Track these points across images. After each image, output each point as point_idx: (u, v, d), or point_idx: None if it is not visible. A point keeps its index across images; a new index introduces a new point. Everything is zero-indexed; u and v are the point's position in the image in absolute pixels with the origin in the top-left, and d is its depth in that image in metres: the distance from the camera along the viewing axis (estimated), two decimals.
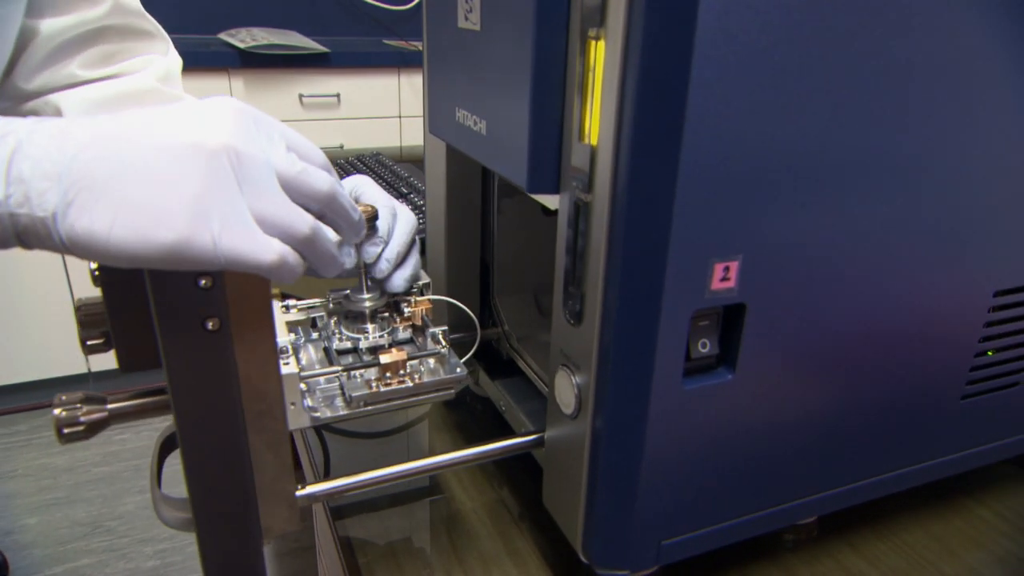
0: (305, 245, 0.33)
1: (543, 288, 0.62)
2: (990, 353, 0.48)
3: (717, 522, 0.43)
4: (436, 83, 0.51)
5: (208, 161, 0.30)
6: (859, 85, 0.35)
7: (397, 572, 0.46)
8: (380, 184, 1.15)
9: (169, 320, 0.33)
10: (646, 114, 0.31)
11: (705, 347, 0.37)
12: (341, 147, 2.14)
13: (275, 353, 0.36)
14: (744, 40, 0.31)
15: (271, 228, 0.32)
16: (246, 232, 0.31)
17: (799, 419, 0.42)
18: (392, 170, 1.22)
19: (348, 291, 0.51)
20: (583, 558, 0.42)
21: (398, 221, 0.50)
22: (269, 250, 0.31)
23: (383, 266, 0.49)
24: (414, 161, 1.39)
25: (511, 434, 0.49)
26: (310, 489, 0.42)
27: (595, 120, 0.33)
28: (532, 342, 0.58)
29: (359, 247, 0.48)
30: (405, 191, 1.10)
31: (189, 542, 1.60)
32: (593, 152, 0.34)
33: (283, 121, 0.49)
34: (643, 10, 0.29)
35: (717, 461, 0.41)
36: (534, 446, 0.47)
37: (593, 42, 0.32)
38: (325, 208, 0.35)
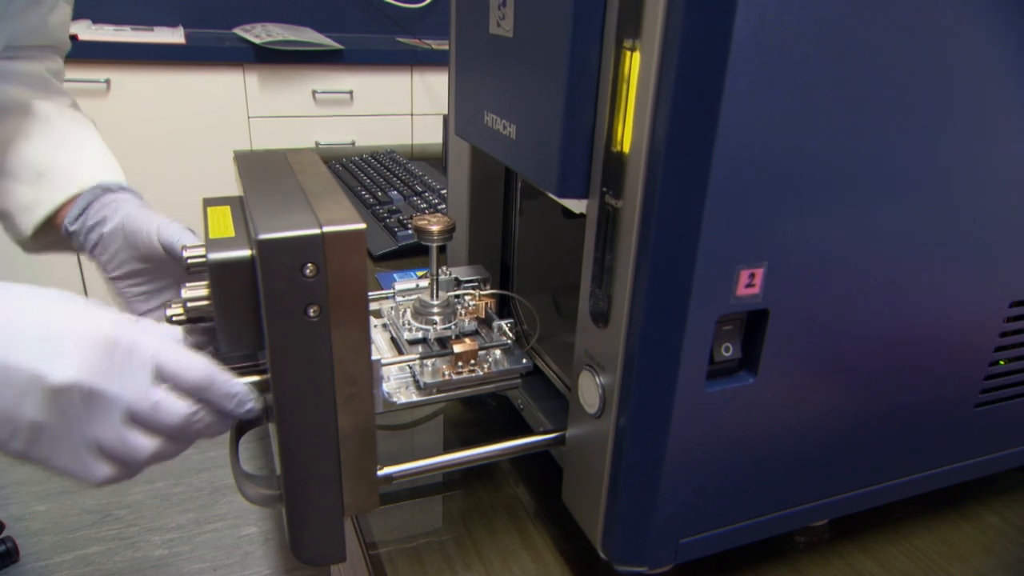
0: (144, 463, 0.37)
1: (562, 289, 0.63)
2: (1002, 363, 0.49)
3: (734, 522, 0.44)
4: (463, 86, 0.52)
5: (49, 395, 0.33)
6: (884, 98, 0.36)
7: (418, 563, 0.47)
8: (395, 182, 1.16)
9: (275, 307, 0.35)
10: (679, 125, 0.32)
11: (728, 351, 0.38)
12: (353, 144, 2.16)
13: (368, 340, 0.38)
14: (777, 55, 0.32)
15: (107, 453, 0.36)
16: (74, 457, 0.35)
17: (816, 423, 0.43)
18: (407, 168, 1.23)
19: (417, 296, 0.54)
20: (602, 555, 0.43)
21: None
22: (94, 475, 0.36)
23: None
24: (426, 159, 1.40)
25: (523, 432, 0.50)
26: (387, 470, 0.44)
27: (628, 129, 0.34)
28: (551, 342, 0.59)
29: None
30: (420, 189, 1.11)
31: (196, 532, 1.61)
32: (624, 159, 0.35)
33: (296, 117, 0.51)
34: (680, 24, 0.30)
35: (736, 462, 0.42)
36: (555, 444, 0.48)
37: (628, 53, 0.33)
38: (176, 435, 0.38)
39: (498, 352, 0.51)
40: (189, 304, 0.39)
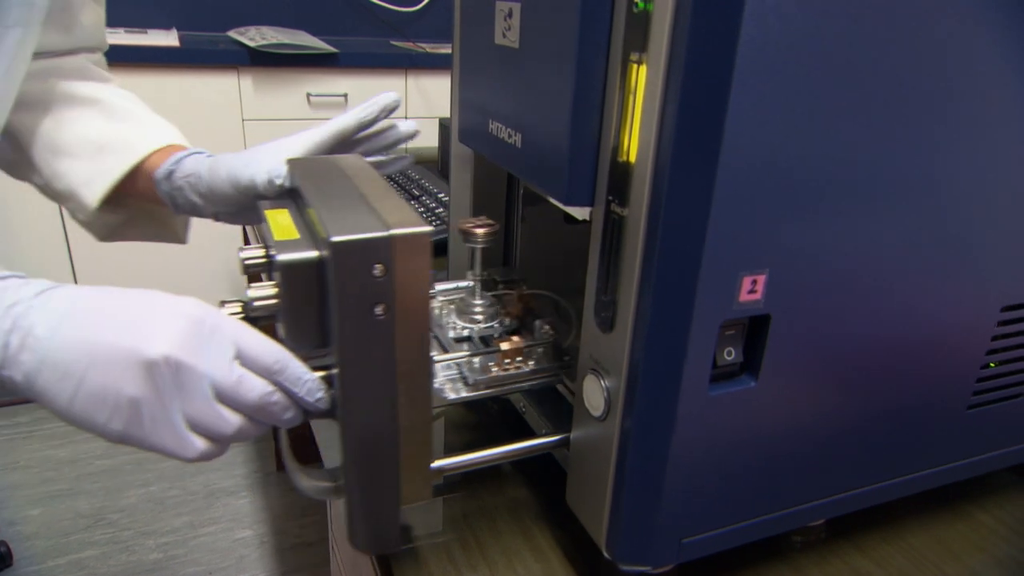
0: (230, 438, 0.39)
1: (563, 293, 0.64)
2: (992, 365, 0.50)
3: (735, 522, 0.45)
4: (467, 94, 0.53)
5: (144, 368, 0.35)
6: (882, 111, 0.37)
7: (423, 564, 0.48)
8: (392, 186, 1.17)
9: (345, 305, 0.36)
10: (684, 137, 0.33)
11: (730, 355, 0.39)
12: None
13: (428, 339, 0.39)
14: (780, 69, 0.33)
15: (198, 427, 0.37)
16: (171, 432, 0.37)
17: (815, 425, 0.44)
18: (403, 172, 1.24)
19: (463, 295, 0.56)
20: (607, 555, 0.44)
21: None
22: (190, 448, 0.37)
23: None
24: (422, 163, 1.40)
25: (523, 435, 0.51)
26: (439, 463, 0.46)
27: (634, 139, 0.35)
28: None
29: None
30: (417, 194, 1.12)
31: (191, 536, 1.61)
32: (630, 169, 0.36)
33: (291, 120, 0.52)
34: (686, 38, 0.31)
35: (737, 463, 0.43)
36: (559, 446, 0.49)
37: (635, 66, 0.34)
38: (254, 413, 0.39)
39: (540, 349, 0.52)
40: (256, 303, 0.40)
